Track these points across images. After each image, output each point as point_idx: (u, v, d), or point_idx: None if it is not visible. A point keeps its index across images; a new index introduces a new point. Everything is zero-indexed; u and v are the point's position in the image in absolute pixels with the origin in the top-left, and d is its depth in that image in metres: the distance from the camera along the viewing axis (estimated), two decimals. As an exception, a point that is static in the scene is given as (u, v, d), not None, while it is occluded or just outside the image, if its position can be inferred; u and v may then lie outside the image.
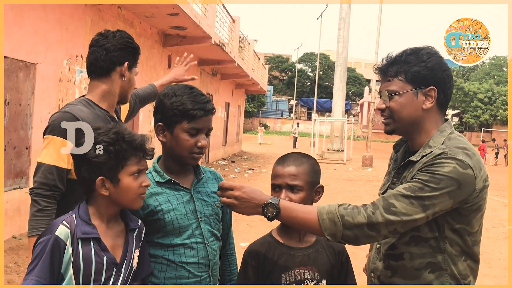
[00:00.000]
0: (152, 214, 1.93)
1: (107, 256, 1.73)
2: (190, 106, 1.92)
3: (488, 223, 9.65)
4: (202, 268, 1.97)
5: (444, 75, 1.86)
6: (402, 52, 1.89)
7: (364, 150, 21.69)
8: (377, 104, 1.94)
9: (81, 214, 1.74)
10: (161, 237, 1.95)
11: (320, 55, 51.05)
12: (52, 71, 6.92)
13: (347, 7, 25.47)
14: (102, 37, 2.36)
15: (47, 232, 1.68)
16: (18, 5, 5.99)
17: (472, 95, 46.99)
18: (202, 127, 1.95)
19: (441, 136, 1.85)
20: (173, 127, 1.94)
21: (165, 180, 1.98)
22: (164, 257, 1.94)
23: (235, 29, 16.85)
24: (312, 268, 1.97)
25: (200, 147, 1.95)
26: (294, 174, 1.97)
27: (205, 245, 1.98)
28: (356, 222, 1.72)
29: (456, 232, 1.80)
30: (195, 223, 1.98)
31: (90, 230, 1.71)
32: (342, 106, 25.51)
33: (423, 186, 1.71)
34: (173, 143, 1.96)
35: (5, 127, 5.92)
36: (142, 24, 10.07)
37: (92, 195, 1.78)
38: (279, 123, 56.41)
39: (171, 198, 1.96)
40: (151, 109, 9.93)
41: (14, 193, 6.12)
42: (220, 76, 18.88)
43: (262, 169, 17.46)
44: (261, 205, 1.78)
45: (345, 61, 26.18)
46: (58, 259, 1.64)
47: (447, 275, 1.81)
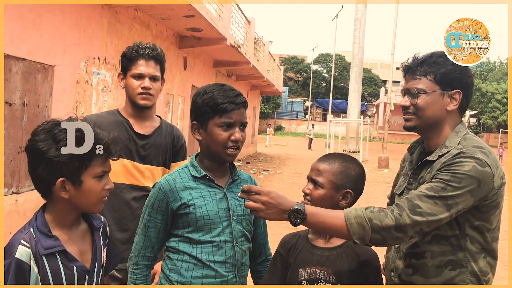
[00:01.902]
0: (184, 207, 1.94)
1: (76, 266, 1.64)
2: (220, 100, 1.94)
3: (506, 225, 9.52)
4: (229, 268, 1.97)
5: (469, 80, 1.95)
6: (431, 53, 1.96)
7: (380, 151, 21.57)
8: (402, 101, 2.00)
9: (39, 226, 1.59)
10: (191, 232, 1.95)
11: (336, 56, 50.88)
12: (69, 73, 7.00)
13: (362, 7, 25.37)
14: None
15: (6, 254, 1.52)
16: (36, 8, 6.08)
17: (490, 96, 46.42)
18: (234, 121, 1.95)
19: (456, 137, 1.92)
20: (206, 124, 1.97)
21: (201, 175, 2.00)
22: (192, 254, 1.94)
23: (250, 30, 16.88)
24: (328, 270, 1.97)
25: (234, 140, 1.96)
26: (320, 170, 2.03)
27: (233, 244, 1.98)
28: (384, 225, 1.75)
29: (476, 229, 1.85)
30: (226, 221, 1.98)
31: (52, 244, 1.58)
32: (357, 107, 25.42)
33: (446, 186, 1.76)
34: (208, 140, 1.98)
35: (24, 129, 6.00)
36: (158, 26, 10.14)
37: (50, 198, 1.64)
38: (294, 124, 56.34)
39: (205, 194, 1.98)
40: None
41: (32, 193, 6.20)
42: (236, 77, 18.93)
43: (278, 170, 17.45)
44: (287, 211, 1.79)
45: (361, 62, 26.08)
46: (24, 282, 1.52)
47: (468, 273, 1.86)
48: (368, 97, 60.35)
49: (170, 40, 11.02)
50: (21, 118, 5.95)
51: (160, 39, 10.32)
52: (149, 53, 2.59)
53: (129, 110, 2.65)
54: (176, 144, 2.76)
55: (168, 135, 2.72)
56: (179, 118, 12.37)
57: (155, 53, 2.62)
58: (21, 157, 5.99)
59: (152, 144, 2.64)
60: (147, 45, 2.62)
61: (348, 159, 2.09)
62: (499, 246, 1.92)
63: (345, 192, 2.02)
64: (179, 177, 1.99)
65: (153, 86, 2.59)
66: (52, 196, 1.63)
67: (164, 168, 2.70)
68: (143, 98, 2.59)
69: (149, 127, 2.67)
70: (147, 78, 2.58)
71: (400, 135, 45.52)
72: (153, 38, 9.93)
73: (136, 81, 2.58)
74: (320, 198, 1.99)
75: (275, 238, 2.17)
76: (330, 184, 2.00)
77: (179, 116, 12.40)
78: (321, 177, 2.01)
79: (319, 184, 2.00)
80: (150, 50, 2.60)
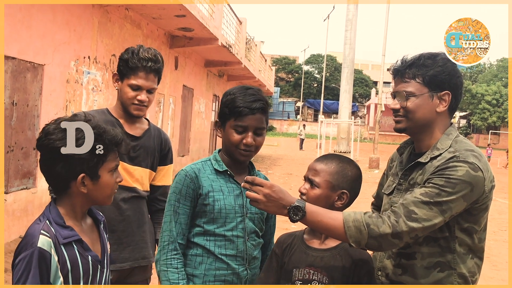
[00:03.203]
0: (205, 197, 2.01)
1: (91, 255, 1.71)
2: (237, 103, 2.00)
3: (496, 226, 9.60)
4: (240, 261, 2.03)
5: (458, 81, 1.96)
6: (419, 56, 1.97)
7: (371, 152, 21.64)
8: (391, 104, 2.01)
9: (54, 218, 1.65)
10: (207, 222, 2.01)
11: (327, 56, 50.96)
12: (59, 72, 6.95)
13: (354, 8, 25.45)
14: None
15: (27, 246, 1.58)
16: (26, 7, 6.03)
17: (480, 97, 46.74)
18: (247, 125, 2.01)
19: (448, 139, 1.93)
20: (225, 123, 2.05)
21: (223, 169, 2.06)
22: (206, 247, 2.00)
23: (242, 30, 16.87)
24: (322, 271, 1.97)
25: (246, 144, 2.01)
26: (316, 170, 2.04)
27: (244, 239, 2.04)
28: (381, 231, 1.77)
29: (465, 231, 1.88)
30: (240, 217, 2.04)
31: (69, 233, 1.65)
32: (348, 108, 25.51)
33: (440, 191, 1.78)
34: (225, 138, 2.06)
35: (13, 128, 5.96)
36: (149, 26, 10.10)
37: (66, 193, 1.69)
38: (285, 125, 56.38)
39: (224, 188, 2.04)
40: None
41: (21, 193, 6.16)
42: (227, 77, 18.92)
43: (269, 170, 17.46)
44: (287, 207, 1.81)
45: (352, 63, 26.18)
46: (46, 271, 1.57)
47: (456, 274, 1.88)
48: (359, 98, 60.54)
49: (161, 40, 10.98)
50: (10, 117, 5.90)
51: (151, 38, 10.28)
52: (151, 66, 2.53)
53: (120, 111, 2.62)
54: (164, 147, 2.75)
55: (156, 138, 2.71)
56: (170, 118, 12.34)
57: (157, 66, 2.56)
58: (10, 156, 5.94)
59: (142, 146, 2.63)
60: (149, 55, 2.54)
61: (345, 160, 2.10)
62: (488, 247, 1.94)
63: (341, 192, 2.03)
64: (202, 168, 2.06)
65: (149, 98, 2.57)
66: (69, 191, 1.69)
67: (151, 171, 2.69)
68: (137, 109, 2.57)
69: (139, 129, 2.66)
70: (144, 90, 2.55)
71: (391, 136, 45.70)
72: (144, 38, 9.89)
73: (133, 92, 2.53)
74: (316, 197, 2.00)
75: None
76: (326, 184, 2.01)
77: (170, 116, 12.36)
78: (318, 176, 2.03)
79: (315, 184, 2.02)
80: (153, 63, 2.54)
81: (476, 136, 48.53)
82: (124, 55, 2.56)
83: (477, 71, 56.03)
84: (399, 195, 1.99)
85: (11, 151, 5.95)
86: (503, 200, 13.52)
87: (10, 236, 5.96)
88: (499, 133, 46.79)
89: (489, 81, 51.20)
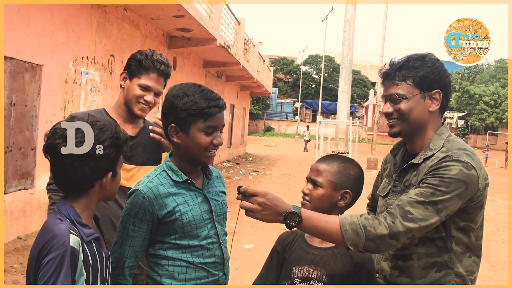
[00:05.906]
0: (170, 215, 1.90)
1: (104, 252, 1.76)
2: (204, 104, 1.90)
3: (493, 227, 9.61)
4: (218, 267, 1.99)
5: (447, 80, 1.98)
6: (407, 58, 1.98)
7: (369, 152, 21.65)
8: (384, 108, 2.01)
9: (74, 217, 1.68)
10: (179, 238, 1.93)
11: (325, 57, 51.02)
12: (57, 72, 6.95)
13: (352, 9, 25.48)
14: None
15: (58, 246, 1.59)
16: (24, 7, 6.02)
17: (478, 98, 46.80)
18: (217, 125, 1.94)
19: (440, 139, 1.95)
20: (188, 128, 1.91)
21: (183, 180, 1.95)
22: (183, 259, 1.93)
23: (240, 31, 16.87)
24: (321, 270, 1.98)
25: (216, 144, 1.95)
26: (319, 170, 2.05)
27: (219, 244, 2.00)
28: (378, 233, 1.77)
29: (461, 230, 1.89)
30: (210, 223, 1.98)
31: (90, 232, 1.70)
32: (347, 109, 25.51)
33: (435, 191, 1.79)
34: (189, 143, 1.93)
35: (11, 128, 5.95)
36: (147, 26, 10.10)
37: (87, 192, 1.73)
38: (284, 125, 56.42)
39: (187, 199, 1.95)
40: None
41: (19, 194, 6.15)
42: (225, 78, 18.91)
43: (267, 171, 17.46)
44: (283, 213, 1.80)
45: (350, 64, 26.19)
46: (74, 270, 1.61)
47: (453, 274, 1.89)
48: (358, 99, 60.60)
49: (160, 40, 10.98)
50: (8, 118, 5.89)
51: (150, 39, 10.28)
52: (163, 69, 2.58)
53: (120, 112, 2.63)
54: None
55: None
56: (168, 118, 12.31)
57: (168, 70, 2.62)
58: (8, 157, 5.93)
59: (138, 144, 2.64)
60: (162, 59, 2.60)
61: (347, 160, 2.11)
62: (486, 247, 1.94)
63: (344, 192, 2.04)
64: (160, 184, 1.92)
65: (155, 101, 2.61)
66: (91, 190, 1.73)
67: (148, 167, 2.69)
68: (142, 109, 2.59)
69: (135, 128, 2.68)
70: (152, 92, 2.58)
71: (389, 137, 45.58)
72: (143, 38, 9.89)
73: (141, 92, 2.56)
74: (319, 198, 2.01)
75: (263, 238, 2.18)
76: (329, 183, 2.02)
77: (169, 116, 12.34)
78: (320, 177, 2.03)
79: (318, 184, 2.02)
80: (165, 67, 2.59)
81: (474, 137, 48.59)
82: (137, 55, 2.58)
83: (475, 72, 56.10)
84: (395, 197, 2.00)
85: (9, 152, 5.94)
86: (501, 200, 13.54)
87: (8, 237, 5.95)
88: (496, 134, 46.85)
89: (487, 82, 51.28)
